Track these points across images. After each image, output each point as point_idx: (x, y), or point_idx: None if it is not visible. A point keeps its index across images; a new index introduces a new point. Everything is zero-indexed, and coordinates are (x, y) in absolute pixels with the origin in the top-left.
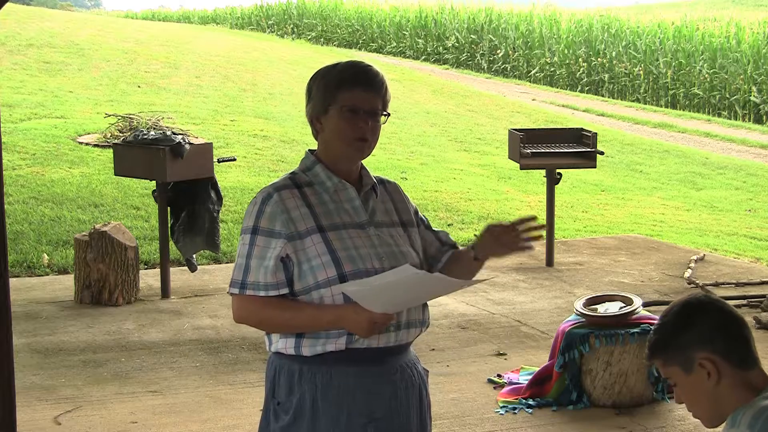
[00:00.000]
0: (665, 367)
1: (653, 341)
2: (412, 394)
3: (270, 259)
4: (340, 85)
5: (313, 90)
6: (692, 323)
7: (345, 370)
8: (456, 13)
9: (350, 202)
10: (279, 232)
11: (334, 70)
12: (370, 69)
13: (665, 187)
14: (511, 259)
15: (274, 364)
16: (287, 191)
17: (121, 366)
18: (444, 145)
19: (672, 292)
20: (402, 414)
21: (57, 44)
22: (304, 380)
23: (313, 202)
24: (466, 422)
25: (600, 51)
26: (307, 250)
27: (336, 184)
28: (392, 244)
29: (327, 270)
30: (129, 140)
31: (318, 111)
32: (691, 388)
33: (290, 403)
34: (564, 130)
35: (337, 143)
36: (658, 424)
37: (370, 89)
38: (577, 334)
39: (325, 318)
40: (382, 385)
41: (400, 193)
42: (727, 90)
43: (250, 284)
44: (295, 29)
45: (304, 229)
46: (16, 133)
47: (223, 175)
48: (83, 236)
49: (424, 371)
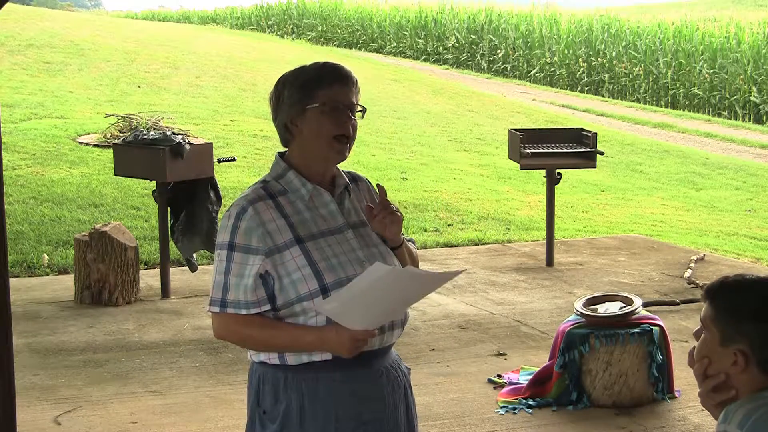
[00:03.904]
0: (710, 320)
1: (727, 289)
2: (398, 395)
3: (249, 277)
4: (318, 83)
5: (284, 94)
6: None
7: (331, 375)
8: (456, 13)
9: (326, 207)
10: (256, 248)
11: (305, 71)
12: (342, 66)
13: (665, 187)
14: (511, 259)
15: (257, 373)
16: (262, 203)
17: (121, 366)
18: (444, 145)
19: (672, 292)
20: (390, 415)
21: (57, 44)
22: (290, 388)
23: (288, 212)
24: (466, 422)
25: (600, 51)
26: (287, 264)
27: (311, 191)
28: (371, 245)
29: (308, 283)
30: (129, 140)
31: (294, 113)
32: (712, 354)
33: (277, 411)
34: (564, 130)
35: (317, 143)
36: (658, 424)
37: (346, 85)
38: (577, 334)
39: (307, 339)
40: (369, 389)
41: (370, 191)
42: (727, 90)
43: (231, 302)
44: (295, 29)
45: (282, 243)
46: (16, 133)
47: (223, 175)
48: (83, 236)
49: (407, 369)
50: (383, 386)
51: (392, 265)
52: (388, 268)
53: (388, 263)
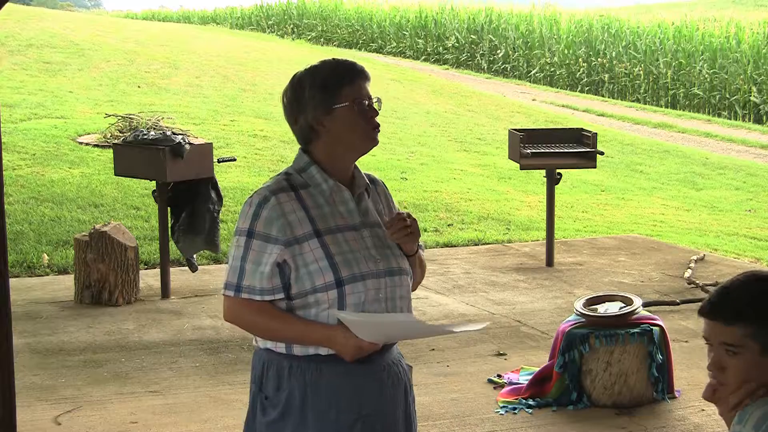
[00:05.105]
0: (747, 337)
1: (759, 300)
2: (398, 391)
3: (266, 265)
4: (340, 82)
5: (305, 96)
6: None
7: (334, 367)
8: (456, 13)
9: (345, 205)
10: (276, 238)
11: (322, 71)
12: (355, 62)
13: (665, 187)
14: (511, 259)
15: (262, 359)
16: (284, 194)
17: (121, 366)
18: (444, 145)
19: (672, 292)
20: (389, 410)
21: (57, 44)
22: (294, 377)
23: (309, 205)
24: (466, 422)
25: (600, 51)
26: (305, 255)
27: (332, 186)
28: (384, 246)
29: (324, 275)
30: (129, 140)
31: (320, 113)
32: (754, 370)
33: (279, 398)
34: (564, 130)
35: (351, 139)
36: (658, 424)
37: (366, 79)
38: (577, 334)
39: (314, 336)
40: (370, 383)
41: (386, 195)
42: (727, 90)
43: (246, 287)
44: (295, 29)
45: (301, 234)
46: (16, 133)
47: (223, 175)
48: (83, 236)
49: (408, 367)
50: (384, 381)
51: (404, 266)
52: (417, 320)
53: (400, 264)
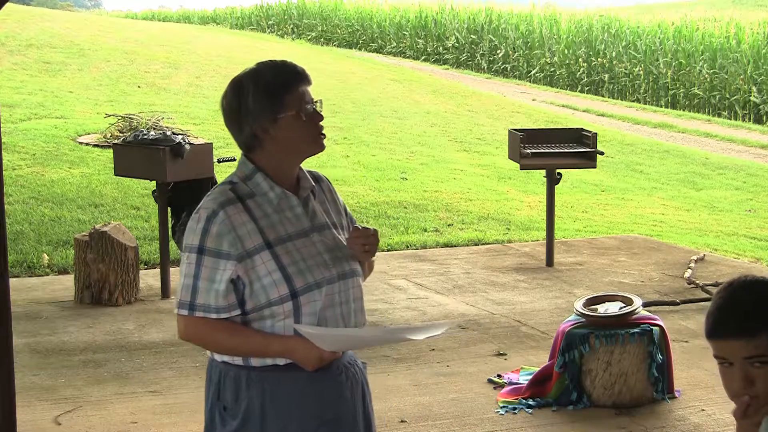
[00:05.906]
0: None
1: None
2: (356, 391)
3: (222, 282)
4: (284, 88)
5: (247, 103)
6: None
7: (293, 375)
8: (456, 13)
9: (292, 210)
10: (228, 253)
11: (262, 75)
12: (296, 65)
13: (665, 187)
14: (511, 259)
15: (218, 368)
16: (232, 207)
17: (121, 366)
18: (444, 145)
19: (672, 292)
20: (349, 412)
21: (57, 44)
22: (252, 387)
23: (257, 216)
24: (466, 422)
25: (600, 51)
26: (257, 269)
27: (279, 194)
28: (336, 247)
29: (279, 287)
30: (129, 140)
31: (264, 121)
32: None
33: (238, 408)
34: (564, 130)
35: (297, 145)
36: (658, 424)
37: (309, 83)
38: (577, 334)
39: (274, 348)
40: (329, 387)
41: (331, 192)
42: (727, 90)
43: (200, 306)
44: (295, 29)
45: (252, 247)
46: (16, 133)
47: (223, 175)
48: (83, 236)
49: (363, 365)
50: (343, 384)
51: (355, 268)
52: (374, 329)
53: (352, 267)
